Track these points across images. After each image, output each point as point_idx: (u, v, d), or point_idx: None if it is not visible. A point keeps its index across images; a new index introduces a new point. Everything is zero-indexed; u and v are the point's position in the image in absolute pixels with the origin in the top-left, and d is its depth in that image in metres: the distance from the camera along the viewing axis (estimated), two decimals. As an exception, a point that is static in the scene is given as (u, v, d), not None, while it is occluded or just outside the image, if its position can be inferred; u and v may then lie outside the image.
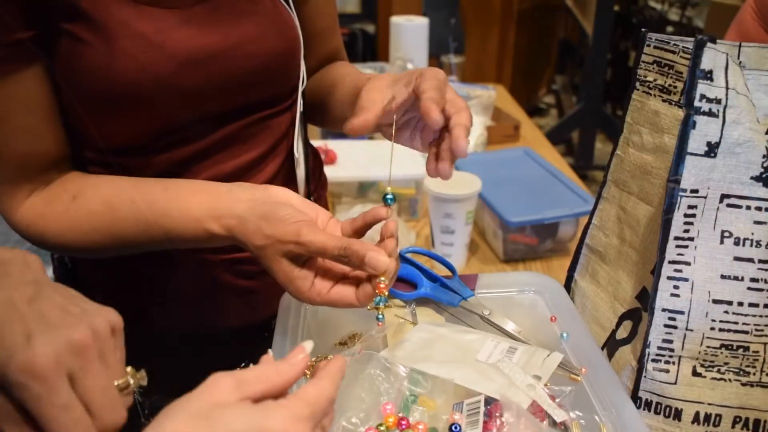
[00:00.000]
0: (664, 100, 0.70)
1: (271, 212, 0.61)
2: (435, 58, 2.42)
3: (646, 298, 0.72)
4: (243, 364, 0.50)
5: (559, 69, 4.97)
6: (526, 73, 4.39)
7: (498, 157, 1.57)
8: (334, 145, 1.51)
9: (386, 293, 0.62)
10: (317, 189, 0.99)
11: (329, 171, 1.33)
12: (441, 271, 0.82)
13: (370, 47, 3.81)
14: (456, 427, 0.58)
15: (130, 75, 0.66)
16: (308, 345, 0.49)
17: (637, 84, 0.74)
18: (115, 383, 0.46)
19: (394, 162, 1.47)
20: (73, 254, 0.85)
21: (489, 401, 0.60)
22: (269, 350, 0.49)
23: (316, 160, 1.00)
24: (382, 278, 0.61)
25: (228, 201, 0.64)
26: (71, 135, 0.72)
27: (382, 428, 0.58)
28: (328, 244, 0.59)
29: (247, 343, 0.94)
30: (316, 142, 1.42)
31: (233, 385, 0.42)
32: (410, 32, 2.20)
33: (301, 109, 0.85)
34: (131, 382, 0.47)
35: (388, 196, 0.64)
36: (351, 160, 1.47)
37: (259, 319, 0.91)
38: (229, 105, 0.76)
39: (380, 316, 0.65)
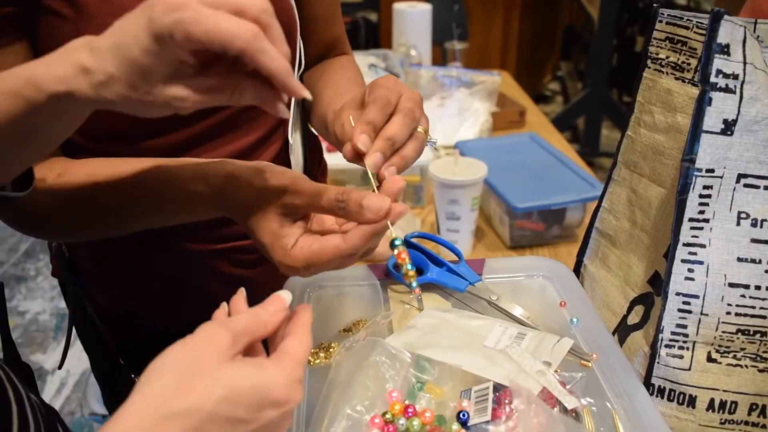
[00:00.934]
0: (676, 78, 0.68)
1: (266, 167, 0.60)
2: (438, 45, 2.39)
3: (658, 282, 0.70)
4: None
5: (564, 55, 4.93)
6: (530, 60, 4.35)
7: (504, 142, 1.54)
8: (337, 131, 1.49)
9: (408, 259, 0.58)
10: (317, 176, 0.97)
11: (332, 158, 1.31)
12: (447, 256, 0.80)
13: (373, 35, 3.78)
14: (464, 415, 0.56)
15: None
16: (287, 296, 0.50)
17: (649, 62, 0.71)
18: None
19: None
20: (54, 237, 0.82)
21: (498, 388, 0.59)
22: (242, 289, 0.52)
23: (315, 147, 0.98)
24: (398, 242, 0.57)
25: (218, 164, 0.63)
26: None
27: (387, 416, 0.57)
28: (323, 188, 0.56)
29: None
30: (318, 129, 1.40)
31: (231, 340, 0.43)
32: (413, 19, 2.17)
33: None
34: None
35: (396, 242, 0.58)
36: (354, 146, 1.45)
37: None
38: None
39: (413, 284, 0.59)
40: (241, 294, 0.51)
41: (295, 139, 0.84)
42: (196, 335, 0.43)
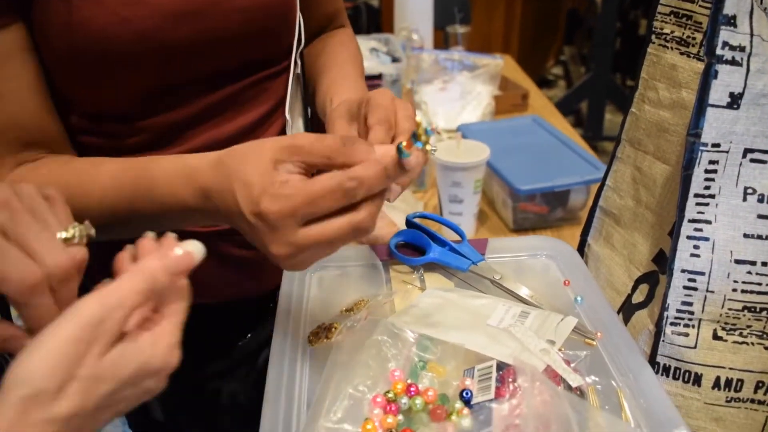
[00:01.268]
0: (681, 53, 0.67)
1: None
2: (440, 29, 2.37)
3: (663, 260, 0.69)
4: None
5: (567, 39, 4.90)
6: (533, 44, 4.33)
7: (506, 125, 1.53)
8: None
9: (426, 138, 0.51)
10: None
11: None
12: (451, 237, 0.79)
13: (375, 20, 3.75)
14: (467, 393, 0.56)
15: (110, 30, 0.63)
16: (197, 249, 0.45)
17: (653, 37, 0.70)
18: (58, 235, 0.45)
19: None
20: None
21: (501, 367, 0.58)
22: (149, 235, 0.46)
23: (319, 128, 0.97)
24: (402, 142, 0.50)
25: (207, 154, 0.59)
26: (58, 102, 0.68)
27: (390, 395, 0.56)
28: (322, 136, 0.51)
29: (253, 315, 0.92)
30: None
31: (115, 331, 0.40)
32: (415, 3, 2.16)
33: (299, 71, 0.82)
34: (76, 233, 0.46)
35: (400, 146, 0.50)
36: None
37: (265, 291, 0.89)
38: (221, 64, 0.72)
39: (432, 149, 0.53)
40: (148, 239, 0.46)
41: (294, 118, 0.83)
42: (76, 325, 0.38)
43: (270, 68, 0.78)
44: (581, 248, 0.84)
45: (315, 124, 0.95)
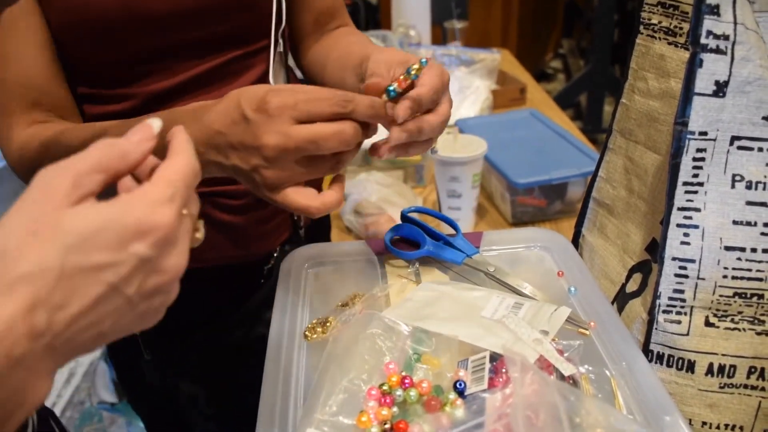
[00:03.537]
0: (669, 43, 0.67)
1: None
2: (438, 24, 2.38)
3: (655, 249, 0.69)
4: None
5: (565, 32, 4.89)
6: (531, 38, 4.32)
7: (504, 119, 1.54)
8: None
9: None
10: None
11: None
12: (448, 232, 0.80)
13: (373, 17, 3.76)
14: (460, 384, 0.56)
15: (95, 2, 0.66)
16: (156, 123, 0.41)
17: (641, 27, 0.71)
18: None
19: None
20: None
21: (495, 357, 0.59)
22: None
23: None
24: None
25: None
26: (65, 70, 0.73)
27: (385, 388, 0.57)
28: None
29: (239, 282, 0.92)
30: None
31: (70, 183, 0.35)
32: (412, -2, 2.16)
33: (281, 49, 0.83)
34: None
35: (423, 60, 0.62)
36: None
37: (251, 259, 0.88)
38: (203, 35, 0.74)
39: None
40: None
41: None
42: (31, 187, 0.36)
43: (252, 44, 0.79)
44: (576, 239, 0.85)
45: None
